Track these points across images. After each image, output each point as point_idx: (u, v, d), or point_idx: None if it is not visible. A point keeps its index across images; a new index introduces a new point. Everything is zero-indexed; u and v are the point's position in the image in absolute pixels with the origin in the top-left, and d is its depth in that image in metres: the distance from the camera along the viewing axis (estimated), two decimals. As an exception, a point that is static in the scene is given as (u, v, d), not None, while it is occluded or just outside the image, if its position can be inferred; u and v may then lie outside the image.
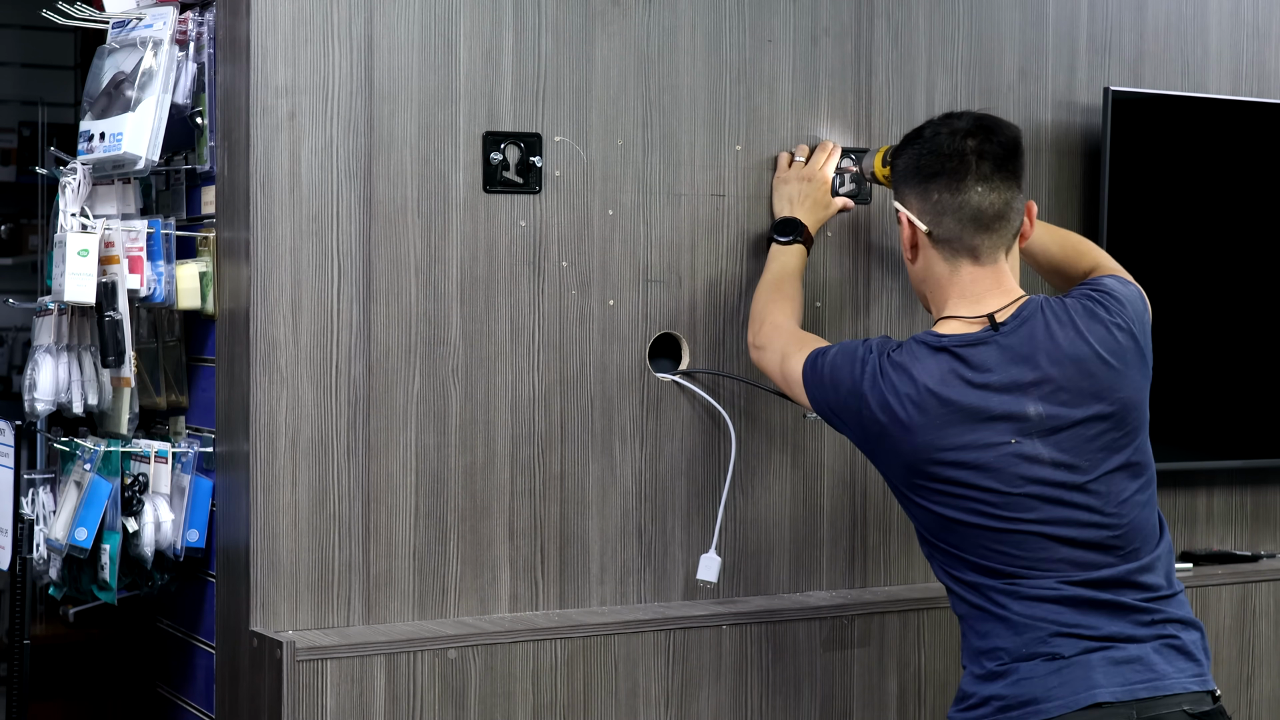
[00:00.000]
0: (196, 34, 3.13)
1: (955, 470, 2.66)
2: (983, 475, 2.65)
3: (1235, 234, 3.86)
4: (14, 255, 6.29)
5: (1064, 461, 2.64)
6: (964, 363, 2.68)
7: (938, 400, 2.66)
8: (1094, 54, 3.70)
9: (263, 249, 2.95)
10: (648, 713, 3.14)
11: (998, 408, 2.65)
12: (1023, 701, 2.62)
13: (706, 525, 3.30)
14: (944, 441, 2.65)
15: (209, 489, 3.15)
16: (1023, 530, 2.64)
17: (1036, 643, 2.63)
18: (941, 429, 2.65)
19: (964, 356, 2.68)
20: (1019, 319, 2.70)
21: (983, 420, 2.65)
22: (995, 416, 2.65)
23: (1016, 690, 2.63)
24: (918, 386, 2.67)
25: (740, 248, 3.33)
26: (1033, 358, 2.67)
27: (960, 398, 2.66)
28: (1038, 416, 2.65)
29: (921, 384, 2.67)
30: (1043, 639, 2.63)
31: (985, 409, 2.65)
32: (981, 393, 2.66)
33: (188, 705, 3.29)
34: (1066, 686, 2.60)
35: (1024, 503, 2.64)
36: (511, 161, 3.13)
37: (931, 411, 2.66)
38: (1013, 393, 2.66)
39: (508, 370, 3.13)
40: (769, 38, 3.35)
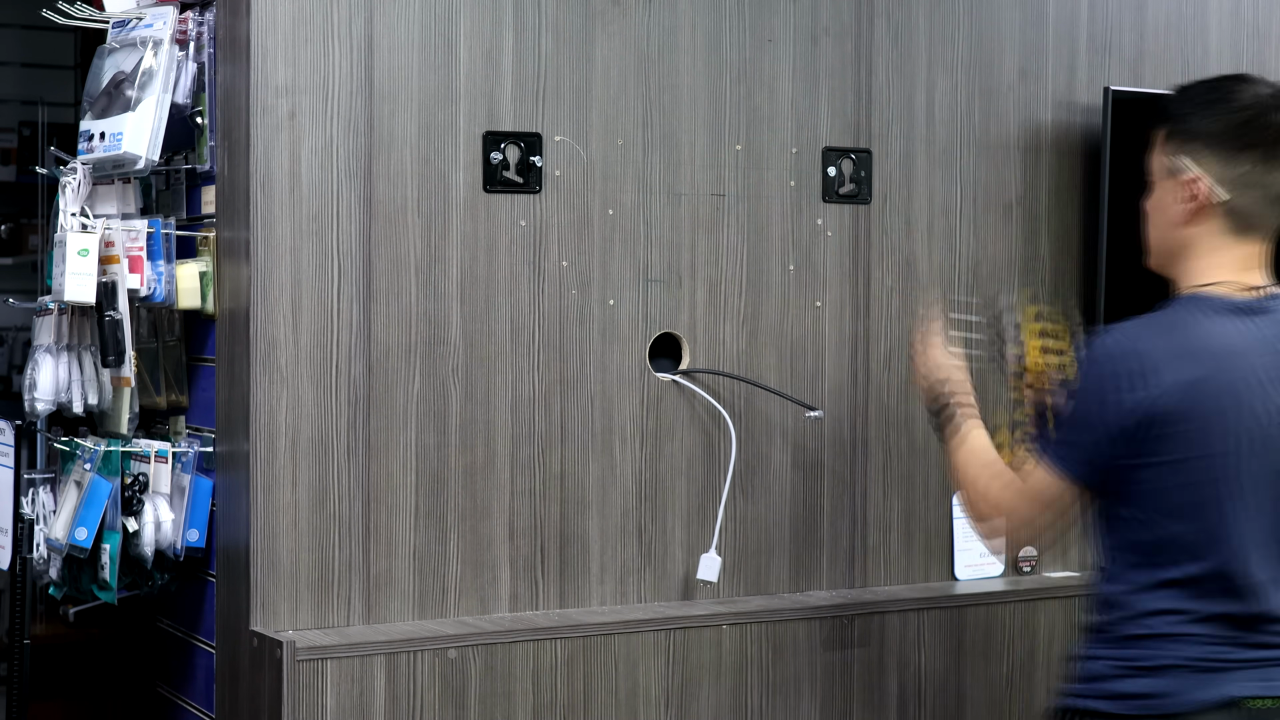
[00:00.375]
0: (196, 34, 3.12)
1: (1191, 436, 2.48)
2: (1221, 441, 2.49)
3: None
4: (14, 255, 6.28)
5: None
6: (1240, 326, 2.52)
7: (1205, 353, 2.49)
8: (1094, 54, 3.70)
9: (263, 249, 2.95)
10: (648, 713, 3.14)
11: (1262, 375, 2.50)
12: (1159, 693, 2.51)
13: (706, 525, 3.30)
14: (1202, 402, 2.47)
15: (209, 489, 3.14)
16: (1229, 517, 2.49)
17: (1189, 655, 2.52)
18: (1203, 384, 2.48)
19: (1243, 319, 2.53)
20: (1277, 300, 2.57)
21: (1245, 387, 2.49)
22: (1256, 382, 2.49)
23: (1156, 685, 2.52)
24: (1188, 336, 2.49)
25: (740, 248, 3.33)
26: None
27: (1229, 359, 2.50)
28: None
29: (1193, 337, 2.49)
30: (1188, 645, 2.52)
31: (1251, 374, 2.50)
32: (1250, 357, 2.50)
33: (188, 705, 3.29)
34: (1205, 689, 2.51)
35: (1251, 492, 2.50)
36: (511, 161, 3.13)
37: (1200, 363, 2.48)
38: (1270, 366, 2.51)
39: (508, 370, 3.13)
40: (769, 38, 3.35)
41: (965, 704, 3.43)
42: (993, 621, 3.46)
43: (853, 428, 3.45)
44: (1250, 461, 2.51)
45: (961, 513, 2.74)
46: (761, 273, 3.35)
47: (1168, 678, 2.53)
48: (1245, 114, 2.56)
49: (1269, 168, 2.56)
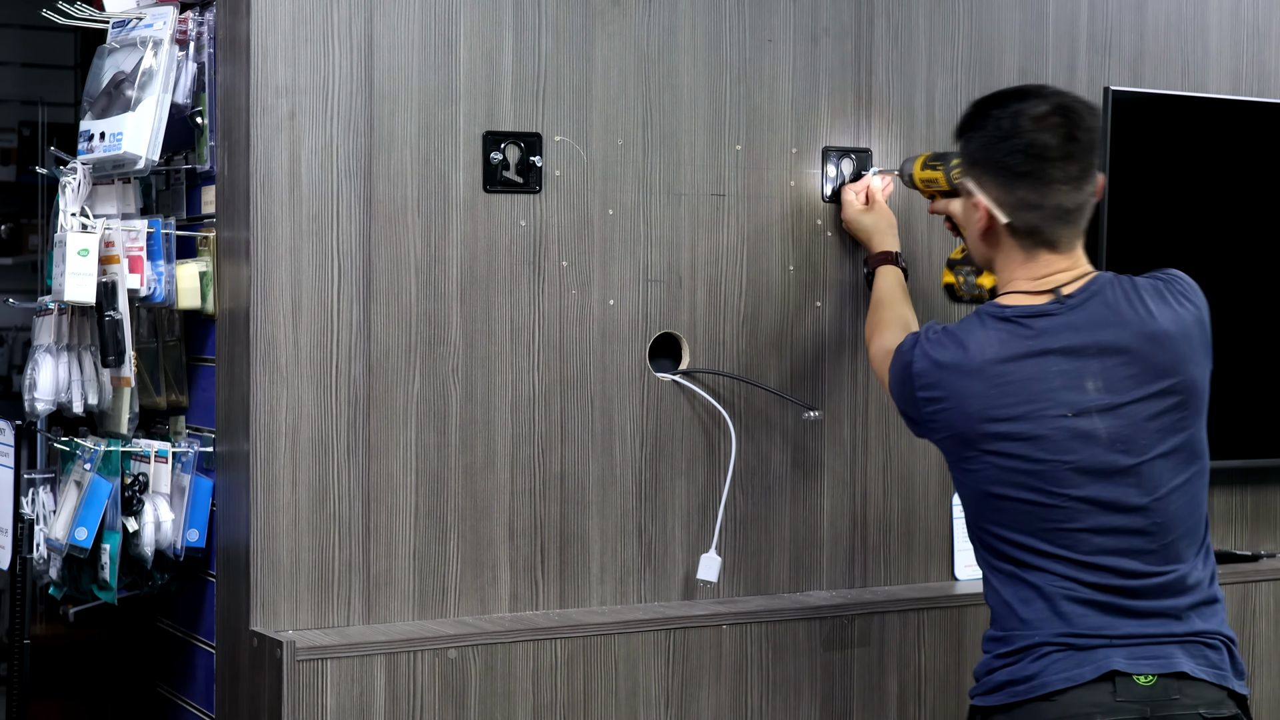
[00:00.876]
0: (196, 34, 3.13)
1: (1006, 443, 2.62)
2: (1036, 446, 2.61)
3: (1235, 234, 3.86)
4: (14, 255, 6.29)
5: (1120, 439, 2.61)
6: (1025, 331, 2.64)
7: (991, 369, 2.63)
8: (1094, 54, 3.70)
9: (263, 249, 2.95)
10: (648, 713, 3.14)
11: (1056, 379, 2.61)
12: (1028, 676, 2.60)
13: (706, 525, 3.30)
14: (998, 412, 2.62)
15: (209, 489, 3.14)
16: (1064, 507, 2.60)
17: (1061, 636, 2.61)
18: (996, 397, 2.62)
19: (1026, 325, 2.65)
20: (1086, 293, 2.67)
21: (1041, 390, 2.62)
22: (1054, 388, 2.61)
23: (1026, 670, 2.61)
24: (969, 354, 2.65)
25: (740, 248, 3.33)
26: (1097, 331, 2.64)
27: (1017, 367, 2.63)
28: (1096, 390, 2.61)
29: (975, 352, 2.64)
30: (1066, 634, 2.60)
31: (1043, 379, 2.62)
32: (1040, 361, 2.62)
33: (188, 705, 3.29)
34: (1079, 667, 2.59)
35: (1071, 478, 2.60)
36: (511, 161, 3.13)
37: (986, 379, 2.63)
38: (1074, 363, 2.62)
39: (508, 370, 3.13)
40: (769, 38, 3.35)
41: (965, 704, 3.42)
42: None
43: (853, 428, 3.45)
44: (1049, 453, 2.61)
45: None
46: (761, 273, 3.35)
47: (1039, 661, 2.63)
48: (1017, 143, 2.66)
49: (1042, 191, 2.67)
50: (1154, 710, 2.57)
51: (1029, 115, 2.67)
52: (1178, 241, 3.77)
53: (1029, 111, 2.67)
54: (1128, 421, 2.62)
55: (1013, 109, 2.69)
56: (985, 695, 2.68)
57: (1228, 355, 3.84)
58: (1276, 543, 3.97)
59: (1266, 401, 3.89)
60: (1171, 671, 2.58)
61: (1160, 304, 2.68)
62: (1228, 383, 3.84)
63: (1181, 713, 2.58)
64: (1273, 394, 3.90)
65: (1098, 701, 2.57)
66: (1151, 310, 2.67)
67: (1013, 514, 2.64)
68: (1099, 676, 2.57)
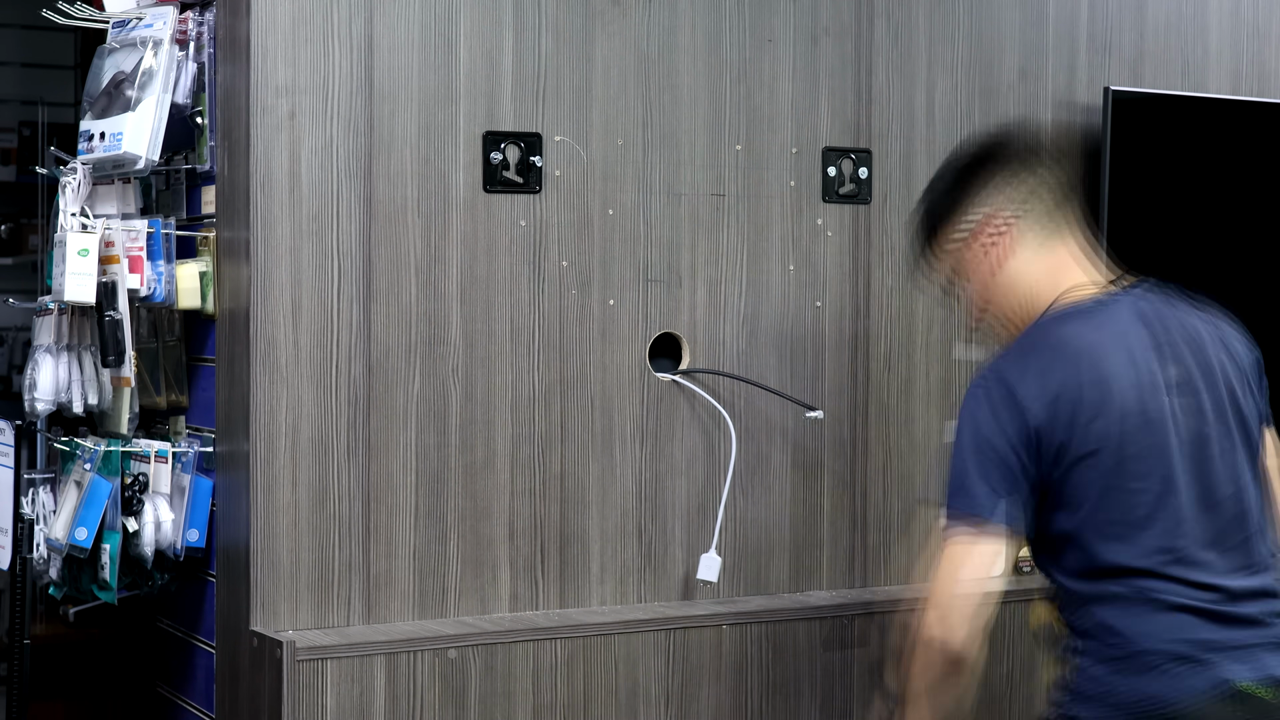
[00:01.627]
0: (196, 34, 3.12)
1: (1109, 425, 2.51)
2: (1143, 431, 2.52)
3: (1235, 234, 3.86)
4: (14, 255, 6.28)
5: (1200, 427, 2.56)
6: (1096, 318, 2.56)
7: (1086, 358, 2.52)
8: (1094, 54, 3.70)
9: (263, 249, 2.95)
10: (648, 713, 3.14)
11: (1142, 361, 2.54)
12: (1151, 695, 2.52)
13: (706, 525, 3.30)
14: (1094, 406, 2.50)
15: (209, 489, 3.14)
16: (1162, 498, 2.52)
17: (1173, 642, 2.53)
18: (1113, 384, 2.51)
19: (1095, 313, 2.57)
20: (1139, 288, 2.64)
21: (1133, 379, 2.53)
22: (1141, 375, 2.53)
23: (1151, 688, 2.52)
24: (1062, 352, 2.53)
25: (740, 248, 3.33)
26: (1159, 319, 2.60)
27: (1109, 354, 2.52)
28: (1179, 373, 2.56)
29: (1066, 347, 2.53)
30: (1179, 639, 2.53)
31: (1131, 359, 2.53)
32: (1123, 342, 2.54)
33: (188, 705, 3.29)
34: (1198, 679, 2.51)
35: (1167, 465, 2.53)
36: (511, 161, 3.13)
37: (1084, 370, 2.51)
38: (1151, 347, 2.56)
39: (508, 370, 3.13)
40: (769, 38, 3.35)
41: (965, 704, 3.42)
42: (993, 621, 3.45)
43: (853, 428, 3.45)
44: (1148, 439, 2.52)
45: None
46: (761, 273, 3.35)
47: (1154, 674, 2.53)
48: (963, 163, 2.66)
49: (1034, 179, 2.64)
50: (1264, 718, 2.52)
51: (955, 155, 2.72)
52: (1178, 241, 3.77)
53: (954, 156, 2.72)
54: (1204, 405, 2.59)
55: (969, 146, 2.72)
56: (1089, 703, 2.55)
57: (1228, 355, 3.84)
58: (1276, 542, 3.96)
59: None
60: (1272, 678, 2.53)
61: (1195, 307, 2.69)
62: (1228, 383, 3.84)
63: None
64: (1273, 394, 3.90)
65: (1221, 716, 2.50)
66: (1192, 310, 2.67)
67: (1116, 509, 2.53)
68: (1218, 688, 2.50)
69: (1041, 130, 3.63)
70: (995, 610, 2.71)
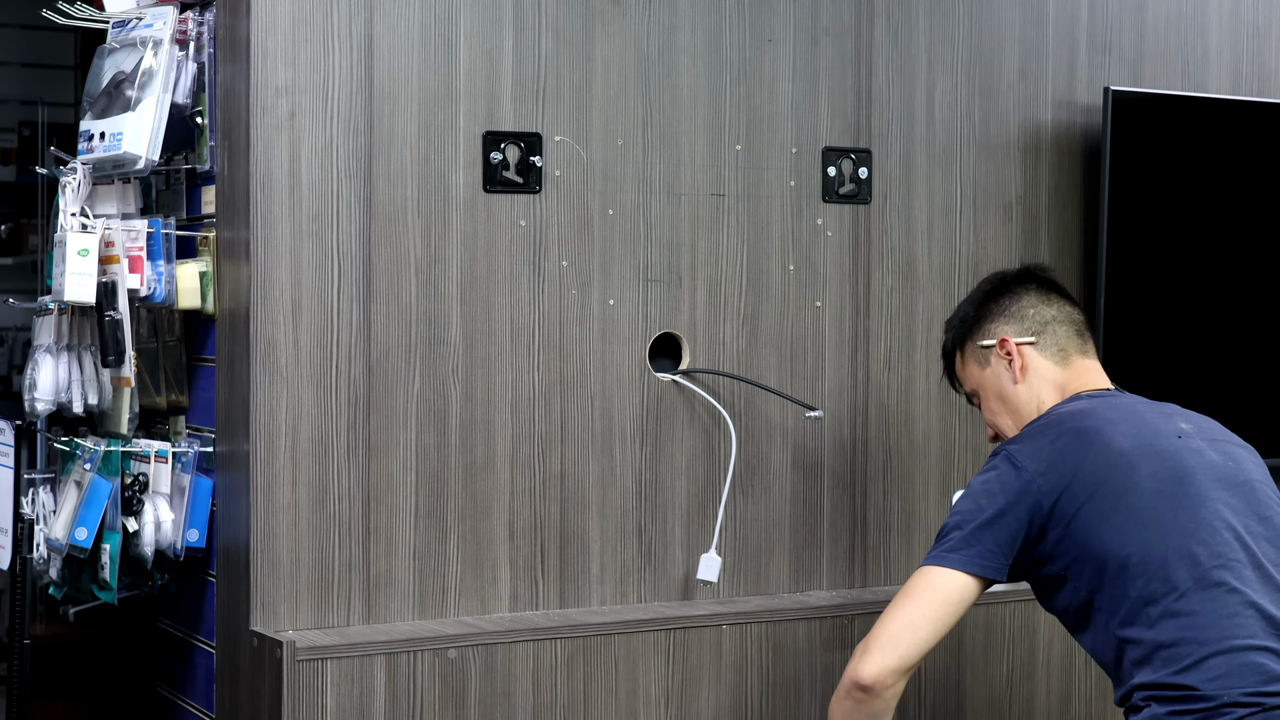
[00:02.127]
0: (196, 34, 3.12)
1: (1149, 497, 2.66)
2: (1174, 486, 2.68)
3: (1235, 234, 3.86)
4: (14, 255, 6.29)
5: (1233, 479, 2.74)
6: (1113, 407, 2.79)
7: (1111, 437, 2.71)
8: (1094, 54, 3.70)
9: (263, 249, 2.95)
10: (648, 713, 3.14)
11: (1166, 442, 2.72)
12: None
13: (706, 525, 3.30)
14: (1136, 474, 2.67)
15: (209, 489, 3.14)
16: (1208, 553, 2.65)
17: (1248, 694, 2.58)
18: (1123, 464, 2.68)
19: (1103, 396, 2.85)
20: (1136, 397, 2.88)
21: (1158, 450, 2.71)
22: (1164, 449, 2.72)
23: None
24: (1087, 432, 2.72)
25: (740, 248, 3.33)
26: (1168, 414, 2.81)
27: (1133, 430, 2.73)
28: (1191, 429, 2.77)
29: (1090, 429, 2.73)
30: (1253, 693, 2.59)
31: (1155, 436, 2.73)
32: (1145, 426, 2.74)
33: (188, 705, 3.29)
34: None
35: (1206, 513, 2.67)
36: (511, 161, 3.13)
37: (1113, 450, 2.69)
38: (1158, 413, 2.79)
39: (508, 370, 3.13)
40: (769, 38, 3.35)
41: (965, 704, 3.43)
42: (993, 621, 3.46)
43: (853, 428, 3.45)
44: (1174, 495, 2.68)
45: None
46: (761, 273, 3.35)
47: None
48: (994, 286, 2.97)
49: (1046, 303, 2.92)
50: None
51: (988, 281, 3.02)
52: (1178, 242, 3.77)
53: (986, 280, 3.03)
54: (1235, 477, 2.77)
55: (971, 294, 3.03)
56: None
57: (1228, 355, 3.85)
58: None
59: (1267, 401, 3.89)
60: None
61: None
62: (1229, 383, 3.85)
63: None
64: (1273, 394, 3.90)
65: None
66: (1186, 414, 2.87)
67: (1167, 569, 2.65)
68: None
69: (1041, 130, 3.64)
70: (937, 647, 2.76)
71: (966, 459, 3.55)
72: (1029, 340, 2.90)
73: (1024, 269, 3.01)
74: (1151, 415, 2.78)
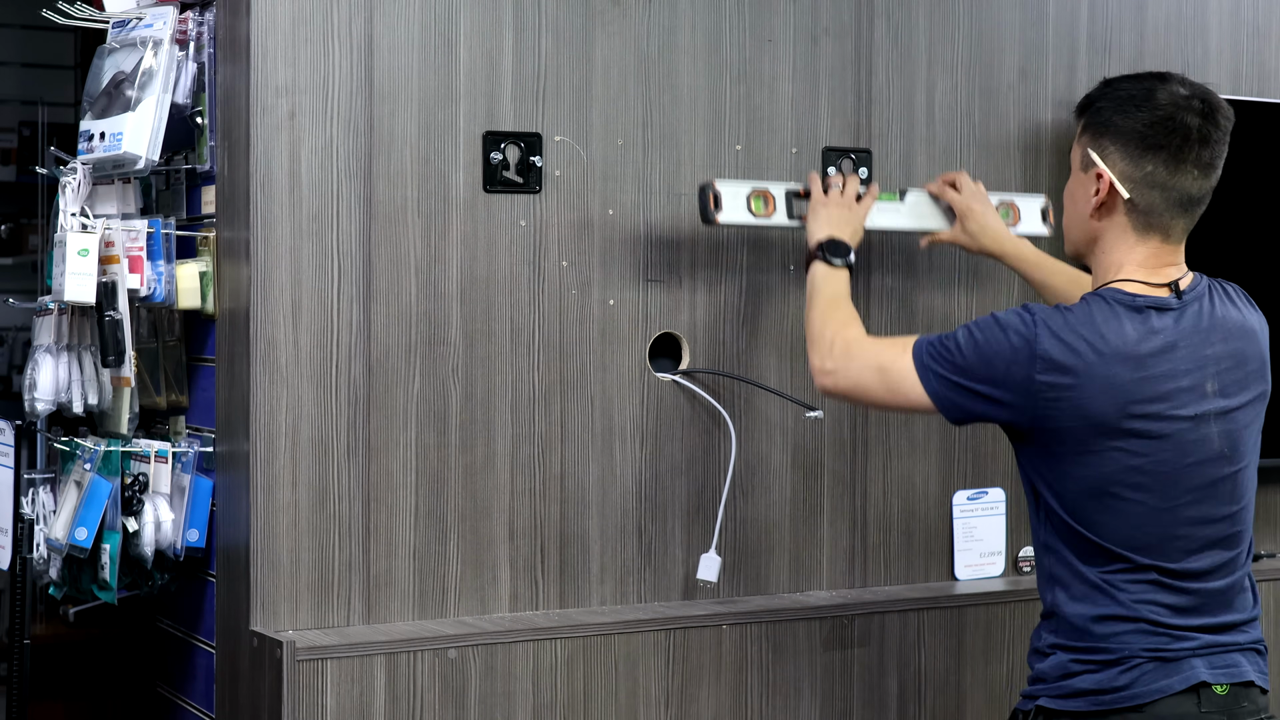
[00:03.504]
0: (196, 34, 3.13)
1: (1138, 441, 2.57)
2: (1162, 445, 2.57)
3: (1235, 234, 3.86)
4: (14, 255, 6.29)
5: (1227, 445, 2.62)
6: (1155, 321, 2.60)
7: (1130, 360, 2.57)
8: (1094, 54, 3.70)
9: (263, 249, 2.95)
10: (648, 713, 3.14)
11: (1184, 378, 2.59)
12: (1119, 687, 2.60)
13: (706, 525, 3.30)
14: (1134, 407, 2.56)
15: (209, 489, 3.15)
16: (1171, 515, 2.59)
17: (1141, 639, 2.60)
18: (1132, 390, 2.56)
19: (1158, 316, 2.61)
20: (1197, 292, 2.66)
21: (1172, 390, 2.58)
22: (1183, 388, 2.59)
23: (1117, 680, 2.60)
24: (1108, 339, 2.57)
25: (740, 248, 3.33)
26: (1211, 332, 2.63)
27: (1155, 361, 2.58)
28: (1214, 393, 2.61)
29: (1110, 339, 2.57)
30: (1146, 638, 2.60)
31: (1173, 376, 2.59)
32: (1170, 357, 2.59)
33: (188, 705, 3.29)
34: (1168, 678, 2.59)
35: (1182, 486, 2.59)
36: (511, 161, 3.13)
37: (1123, 370, 2.56)
38: (1197, 363, 2.61)
39: (508, 370, 3.13)
40: (769, 38, 3.35)
41: (965, 704, 3.43)
42: (993, 621, 3.46)
43: (853, 428, 3.45)
44: (1172, 455, 2.59)
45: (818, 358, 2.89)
46: (761, 273, 3.35)
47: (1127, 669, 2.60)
48: (1156, 114, 2.63)
49: (1173, 170, 2.63)
50: (1229, 718, 2.59)
51: (1170, 92, 2.64)
52: (1178, 241, 3.77)
53: (1171, 89, 2.64)
54: (1235, 427, 2.64)
55: (1150, 84, 2.66)
56: (1062, 699, 2.63)
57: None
58: (1276, 543, 3.96)
59: (1267, 401, 3.89)
60: (1242, 681, 2.61)
61: (1249, 309, 2.71)
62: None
63: (1248, 719, 2.61)
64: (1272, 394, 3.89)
65: (1184, 712, 2.57)
66: (1244, 312, 2.69)
67: (1122, 517, 2.59)
68: (1187, 688, 2.58)
69: (1041, 130, 3.64)
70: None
71: (966, 459, 3.55)
72: (1125, 194, 2.63)
73: (1203, 100, 2.64)
74: (1186, 373, 2.61)
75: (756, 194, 3.19)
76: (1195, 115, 2.62)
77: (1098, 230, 2.69)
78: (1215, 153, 2.65)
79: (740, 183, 3.21)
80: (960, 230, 3.29)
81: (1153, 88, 2.65)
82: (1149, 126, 2.62)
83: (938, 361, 2.67)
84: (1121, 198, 2.64)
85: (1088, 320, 2.59)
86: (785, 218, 3.22)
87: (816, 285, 3.00)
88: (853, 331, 2.86)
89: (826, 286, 2.99)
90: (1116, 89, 2.68)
